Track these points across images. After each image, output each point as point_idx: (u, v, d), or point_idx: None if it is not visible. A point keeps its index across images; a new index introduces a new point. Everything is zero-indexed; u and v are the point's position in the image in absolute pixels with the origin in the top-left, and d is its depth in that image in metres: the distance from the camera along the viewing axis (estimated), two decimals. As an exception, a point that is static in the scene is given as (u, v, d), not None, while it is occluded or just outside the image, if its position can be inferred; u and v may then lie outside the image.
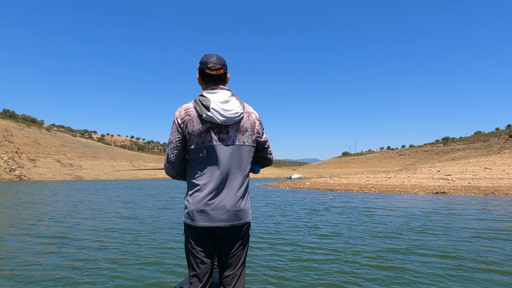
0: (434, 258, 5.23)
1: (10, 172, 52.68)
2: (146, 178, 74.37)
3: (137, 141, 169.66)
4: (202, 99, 1.78)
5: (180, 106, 1.83)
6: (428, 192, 18.95)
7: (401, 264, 4.92)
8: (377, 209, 11.68)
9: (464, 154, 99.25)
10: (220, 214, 1.77)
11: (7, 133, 65.95)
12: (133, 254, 5.52)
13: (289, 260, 5.22)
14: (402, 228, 7.85)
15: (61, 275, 4.45)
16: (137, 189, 28.10)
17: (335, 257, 5.35)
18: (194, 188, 1.79)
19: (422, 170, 31.79)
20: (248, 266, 4.84)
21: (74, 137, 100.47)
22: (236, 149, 1.80)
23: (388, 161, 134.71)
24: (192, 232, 1.81)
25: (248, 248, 1.98)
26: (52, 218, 9.73)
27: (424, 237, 6.87)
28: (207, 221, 1.76)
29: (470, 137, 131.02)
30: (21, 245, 6.25)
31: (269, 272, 4.64)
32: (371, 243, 6.36)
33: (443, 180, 23.19)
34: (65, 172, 63.13)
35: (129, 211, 11.88)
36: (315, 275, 4.48)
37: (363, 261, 5.11)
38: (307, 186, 27.56)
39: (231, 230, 1.82)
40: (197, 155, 1.78)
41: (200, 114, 1.75)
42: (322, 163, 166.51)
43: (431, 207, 12.11)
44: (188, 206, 1.80)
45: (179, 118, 1.79)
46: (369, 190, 21.50)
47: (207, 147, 1.76)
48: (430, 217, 9.67)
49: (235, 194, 1.80)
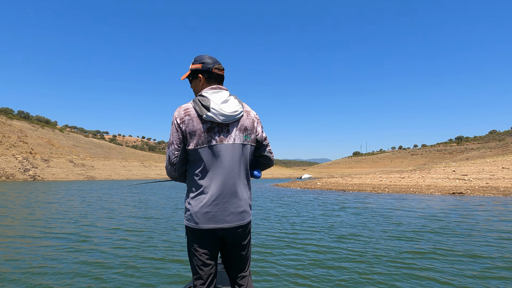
0: (462, 259, 4.98)
1: (24, 172, 53.63)
2: (157, 178, 74.85)
3: (148, 141, 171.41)
4: (201, 99, 1.76)
5: (179, 107, 1.80)
6: (444, 193, 18.45)
7: (429, 265, 4.68)
8: (394, 210, 11.36)
9: (479, 153, 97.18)
10: (224, 215, 1.74)
11: (21, 134, 67.22)
12: (145, 255, 5.40)
13: (309, 262, 5.03)
14: (423, 230, 7.56)
15: (80, 272, 4.35)
16: (149, 189, 28.19)
17: (357, 258, 5.12)
18: (197, 190, 1.75)
19: (436, 170, 31.11)
20: (269, 267, 4.73)
21: (87, 137, 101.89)
22: (237, 148, 1.77)
23: (400, 161, 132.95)
24: (195, 234, 1.77)
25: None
26: (68, 218, 9.72)
27: (447, 238, 6.58)
28: (212, 222, 1.73)
29: (485, 136, 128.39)
30: (38, 243, 6.20)
31: (290, 270, 4.48)
32: (392, 244, 6.10)
33: (460, 180, 22.59)
34: (78, 172, 64.03)
35: (143, 211, 11.83)
36: (337, 277, 4.27)
37: (387, 263, 4.87)
38: (319, 186, 27.23)
39: (235, 231, 1.79)
40: (199, 156, 1.74)
41: (200, 114, 1.72)
42: (333, 163, 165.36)
43: (449, 208, 11.72)
44: (191, 208, 1.75)
45: (179, 119, 1.75)
46: (383, 191, 21.08)
47: (209, 147, 1.73)
48: (450, 218, 9.32)
49: (238, 194, 1.77)
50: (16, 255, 5.44)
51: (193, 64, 1.88)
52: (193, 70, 1.88)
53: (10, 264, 4.91)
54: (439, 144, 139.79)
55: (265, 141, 1.96)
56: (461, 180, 22.76)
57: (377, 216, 9.83)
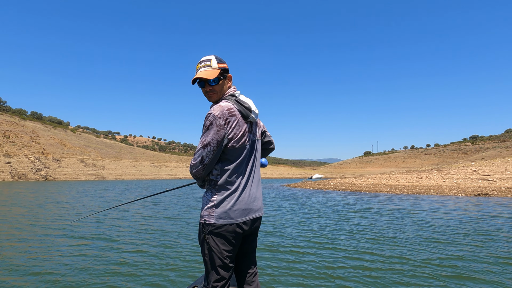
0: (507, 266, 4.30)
1: (36, 172, 54.01)
2: (167, 178, 74.80)
3: (159, 141, 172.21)
4: (239, 100, 1.83)
5: (219, 105, 1.77)
6: (468, 194, 17.38)
7: (470, 273, 4.03)
8: (418, 212, 10.49)
9: (495, 153, 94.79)
10: (254, 206, 1.84)
11: (34, 135, 67.89)
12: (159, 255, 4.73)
13: (340, 265, 4.59)
14: (456, 233, 6.82)
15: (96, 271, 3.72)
16: (161, 188, 27.75)
17: (388, 264, 4.40)
18: (232, 187, 1.77)
19: (455, 169, 29.84)
20: (300, 269, 4.51)
21: (98, 138, 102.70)
22: (258, 144, 1.95)
23: (412, 160, 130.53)
24: (223, 232, 1.75)
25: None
26: (80, 217, 9.16)
27: (485, 243, 5.82)
28: (245, 215, 1.80)
29: (501, 135, 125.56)
30: (51, 243, 5.62)
31: (323, 273, 4.16)
32: (426, 249, 5.46)
33: (483, 181, 21.42)
34: (89, 172, 64.29)
35: (156, 211, 11.22)
36: (372, 283, 3.56)
37: (426, 269, 4.31)
38: (332, 187, 26.32)
39: (260, 220, 1.93)
40: (239, 154, 1.79)
41: (246, 115, 1.80)
42: (344, 163, 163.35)
43: (478, 210, 10.78)
44: (226, 205, 1.75)
45: (223, 119, 1.73)
46: (401, 191, 20.08)
47: (250, 145, 1.85)
48: (482, 221, 8.43)
49: (258, 186, 1.91)
50: (44, 254, 4.86)
51: (221, 63, 1.85)
52: (224, 70, 1.86)
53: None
54: (452, 143, 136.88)
55: (264, 128, 2.12)
56: (484, 180, 21.59)
57: (403, 219, 9.00)
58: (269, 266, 4.62)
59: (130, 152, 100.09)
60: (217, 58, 1.85)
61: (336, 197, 18.04)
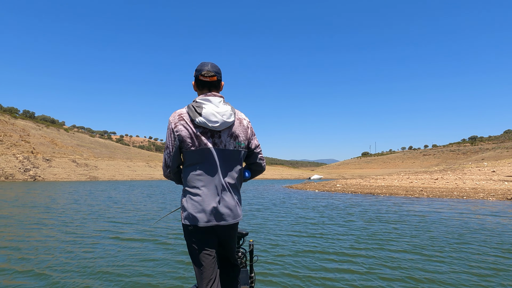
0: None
1: (24, 172, 51.50)
2: (162, 179, 72.41)
3: (155, 141, 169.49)
4: (195, 104, 1.82)
5: (174, 112, 1.85)
6: (499, 198, 15.40)
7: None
8: (454, 220, 8.50)
9: (495, 154, 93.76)
10: (219, 214, 1.79)
11: (24, 133, 65.38)
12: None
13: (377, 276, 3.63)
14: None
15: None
16: (156, 189, 25.70)
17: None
18: (192, 190, 1.80)
19: (470, 170, 27.94)
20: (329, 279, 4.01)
21: (92, 137, 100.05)
22: (228, 153, 1.83)
23: (411, 161, 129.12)
24: (193, 232, 1.80)
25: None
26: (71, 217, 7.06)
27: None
28: (209, 221, 1.78)
29: (500, 136, 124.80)
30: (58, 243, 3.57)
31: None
32: (485, 259, 4.43)
33: (508, 183, 19.49)
34: (80, 172, 61.78)
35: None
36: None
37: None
38: (339, 189, 24.26)
39: (229, 228, 1.87)
40: (192, 158, 1.80)
41: (193, 119, 1.78)
42: (342, 163, 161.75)
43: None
44: (188, 208, 1.79)
45: (173, 123, 1.81)
46: (420, 195, 18.05)
47: (201, 150, 1.79)
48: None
49: (228, 194, 1.83)
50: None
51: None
52: (194, 77, 1.95)
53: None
54: (452, 144, 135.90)
55: (257, 149, 2.00)
56: (510, 182, 19.65)
57: (440, 227, 7.20)
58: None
59: (125, 152, 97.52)
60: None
61: (348, 201, 15.94)
